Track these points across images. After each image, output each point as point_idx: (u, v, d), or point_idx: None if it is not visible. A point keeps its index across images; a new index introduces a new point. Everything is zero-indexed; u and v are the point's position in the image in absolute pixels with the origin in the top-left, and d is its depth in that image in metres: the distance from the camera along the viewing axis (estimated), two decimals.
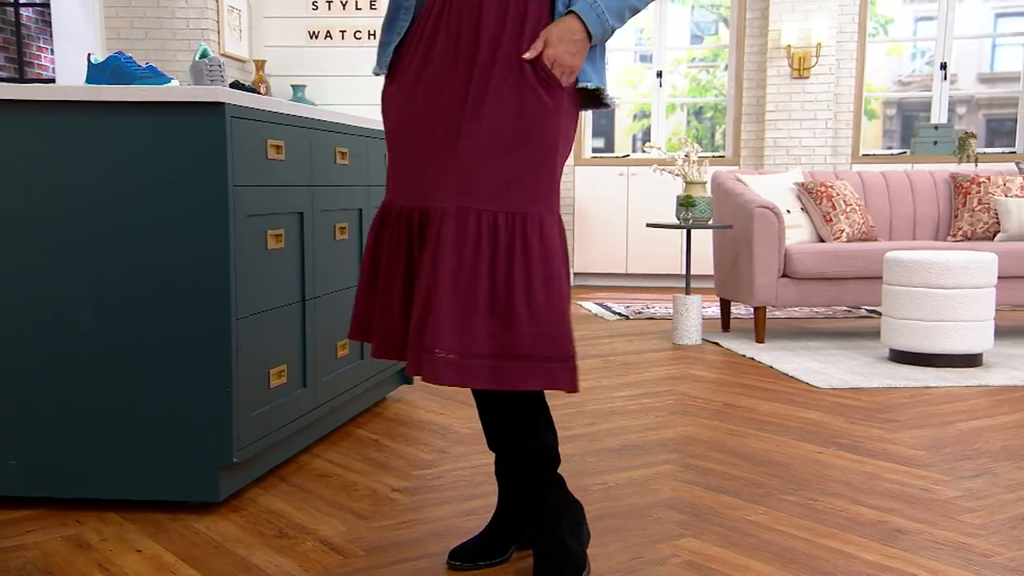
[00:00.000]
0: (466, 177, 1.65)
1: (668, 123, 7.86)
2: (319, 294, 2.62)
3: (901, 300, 3.94)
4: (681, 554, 1.93)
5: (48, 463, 2.16)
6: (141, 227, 2.11)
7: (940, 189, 5.18)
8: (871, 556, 1.92)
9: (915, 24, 7.83)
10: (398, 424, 3.03)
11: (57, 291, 2.13)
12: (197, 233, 2.10)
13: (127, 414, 2.15)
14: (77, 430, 2.15)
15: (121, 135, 2.10)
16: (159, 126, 2.09)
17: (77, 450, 2.16)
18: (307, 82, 6.90)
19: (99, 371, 2.14)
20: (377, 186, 3.06)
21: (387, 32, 1.78)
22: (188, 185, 2.09)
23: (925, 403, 3.32)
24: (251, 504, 2.24)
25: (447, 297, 1.60)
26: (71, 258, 2.12)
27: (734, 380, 3.73)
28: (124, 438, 2.15)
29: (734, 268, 4.76)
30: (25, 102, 2.10)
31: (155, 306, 2.12)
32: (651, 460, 2.61)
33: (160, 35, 6.37)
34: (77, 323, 2.14)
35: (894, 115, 8.40)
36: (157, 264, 2.11)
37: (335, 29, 6.88)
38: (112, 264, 2.12)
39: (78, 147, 2.10)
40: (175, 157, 2.09)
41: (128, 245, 2.12)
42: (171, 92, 2.06)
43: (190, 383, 2.13)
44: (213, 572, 1.83)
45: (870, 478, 2.45)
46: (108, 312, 2.13)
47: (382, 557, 1.92)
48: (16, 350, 2.15)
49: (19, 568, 1.84)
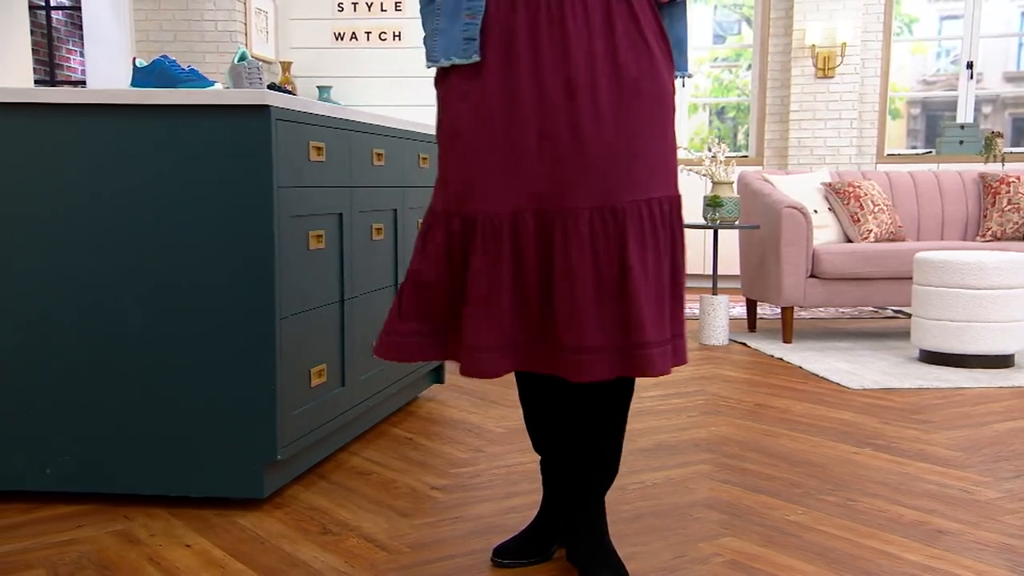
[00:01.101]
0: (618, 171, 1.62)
1: (690, 123, 7.84)
2: (356, 294, 2.64)
3: (932, 300, 3.93)
4: (724, 553, 1.94)
5: (97, 460, 2.19)
6: (188, 228, 2.14)
7: (969, 189, 5.15)
8: (914, 557, 1.92)
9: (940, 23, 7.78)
10: (431, 423, 3.05)
11: (107, 291, 2.16)
12: (242, 234, 2.12)
13: (173, 412, 2.17)
14: (125, 428, 2.18)
15: (170, 137, 2.12)
16: (207, 128, 2.12)
17: (125, 447, 2.19)
18: (332, 83, 6.93)
19: (147, 370, 2.17)
20: (412, 187, 3.08)
21: (450, 19, 1.64)
22: (234, 187, 2.12)
23: (959, 404, 3.31)
24: (293, 501, 2.26)
25: (644, 294, 1.60)
26: (121, 258, 2.15)
27: (763, 380, 3.73)
28: (171, 436, 2.18)
29: (761, 268, 4.75)
30: (77, 105, 2.13)
31: (201, 306, 2.15)
32: (686, 460, 2.62)
33: (189, 37, 6.42)
34: (126, 323, 2.16)
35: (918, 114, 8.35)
36: (204, 264, 2.14)
37: (360, 30, 6.91)
38: (160, 264, 2.15)
39: (128, 149, 2.13)
40: (222, 159, 2.12)
41: (175, 246, 2.14)
42: (219, 95, 2.09)
43: (235, 382, 2.16)
44: (261, 567, 1.85)
45: (908, 479, 2.44)
46: (156, 312, 2.16)
47: (427, 554, 1.93)
48: (68, 350, 2.18)
49: (74, 561, 1.87)
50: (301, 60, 6.96)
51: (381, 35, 6.91)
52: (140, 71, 2.42)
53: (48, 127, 2.14)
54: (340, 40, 6.94)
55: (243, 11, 6.46)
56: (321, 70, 6.96)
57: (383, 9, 6.87)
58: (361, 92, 6.94)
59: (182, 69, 2.42)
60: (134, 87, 2.41)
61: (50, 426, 2.20)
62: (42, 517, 2.14)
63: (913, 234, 5.09)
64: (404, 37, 6.84)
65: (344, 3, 6.89)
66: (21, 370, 2.19)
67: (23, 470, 2.21)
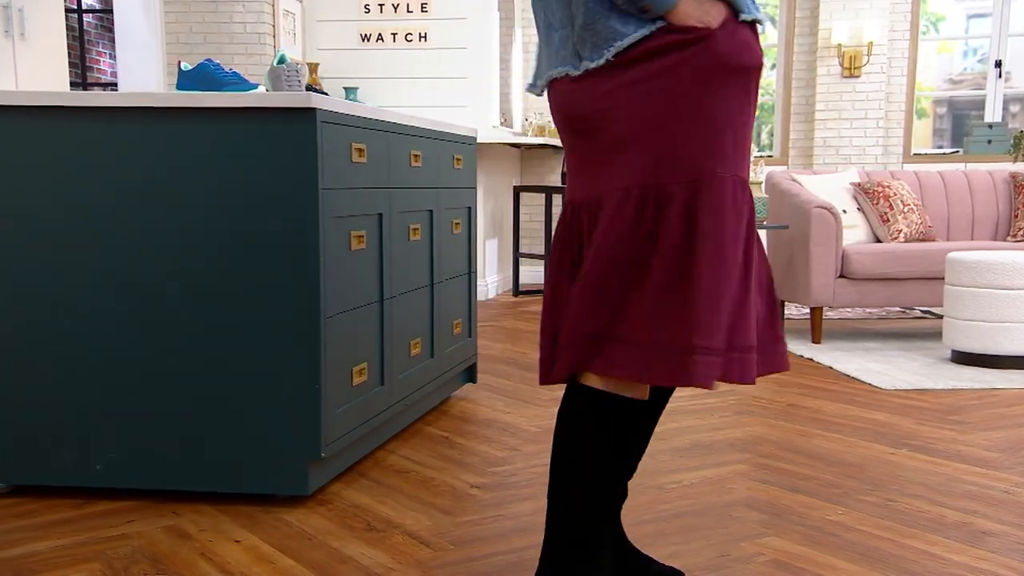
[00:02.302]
0: None
1: None
2: (395, 294, 2.67)
3: (965, 301, 3.91)
4: (766, 552, 1.94)
5: (145, 456, 2.23)
6: (235, 229, 2.16)
7: (1000, 189, 5.12)
8: (959, 558, 1.92)
9: (967, 21, 7.72)
10: (466, 422, 3.06)
11: (156, 292, 2.19)
12: (288, 234, 2.15)
13: (220, 411, 2.20)
14: (173, 426, 2.21)
15: (217, 140, 2.15)
16: (253, 131, 2.14)
17: (172, 444, 2.22)
18: (359, 84, 6.97)
19: (194, 369, 2.20)
20: (447, 188, 3.10)
21: None
22: (280, 188, 2.14)
23: (994, 404, 3.29)
24: (336, 498, 2.29)
25: None
26: (170, 260, 2.18)
27: (794, 380, 3.72)
28: (217, 434, 2.21)
29: (790, 268, 4.74)
30: (126, 109, 2.16)
31: (248, 305, 2.18)
32: (723, 460, 2.62)
33: (218, 39, 6.48)
34: (175, 323, 2.20)
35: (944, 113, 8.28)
36: (250, 265, 2.17)
37: (386, 32, 6.94)
38: (207, 265, 2.18)
39: (176, 152, 2.16)
40: (268, 161, 2.14)
41: (222, 247, 2.17)
42: (266, 98, 2.11)
43: (281, 380, 2.18)
44: (310, 563, 1.88)
45: (947, 479, 2.44)
46: (204, 312, 2.19)
47: (471, 551, 1.95)
48: (118, 351, 2.21)
49: (128, 555, 1.91)
50: (328, 61, 7.00)
51: (407, 36, 6.93)
52: (185, 74, 2.45)
53: (100, 130, 2.18)
54: (367, 41, 6.97)
55: (271, 13, 6.51)
56: (348, 71, 7.00)
57: (409, 10, 6.90)
58: (387, 93, 6.97)
59: (226, 72, 2.45)
60: (179, 90, 2.44)
61: (100, 423, 2.23)
62: (93, 512, 2.17)
63: (943, 234, 5.06)
64: (430, 38, 6.86)
65: (371, 4, 6.93)
66: (73, 369, 2.23)
67: (74, 466, 2.25)
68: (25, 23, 4.56)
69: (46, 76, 4.68)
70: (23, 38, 4.55)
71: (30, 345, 2.23)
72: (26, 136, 2.18)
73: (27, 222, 2.21)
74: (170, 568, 1.85)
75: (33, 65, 4.61)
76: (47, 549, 1.95)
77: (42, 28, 4.69)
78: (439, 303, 3.04)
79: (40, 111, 2.18)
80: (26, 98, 2.16)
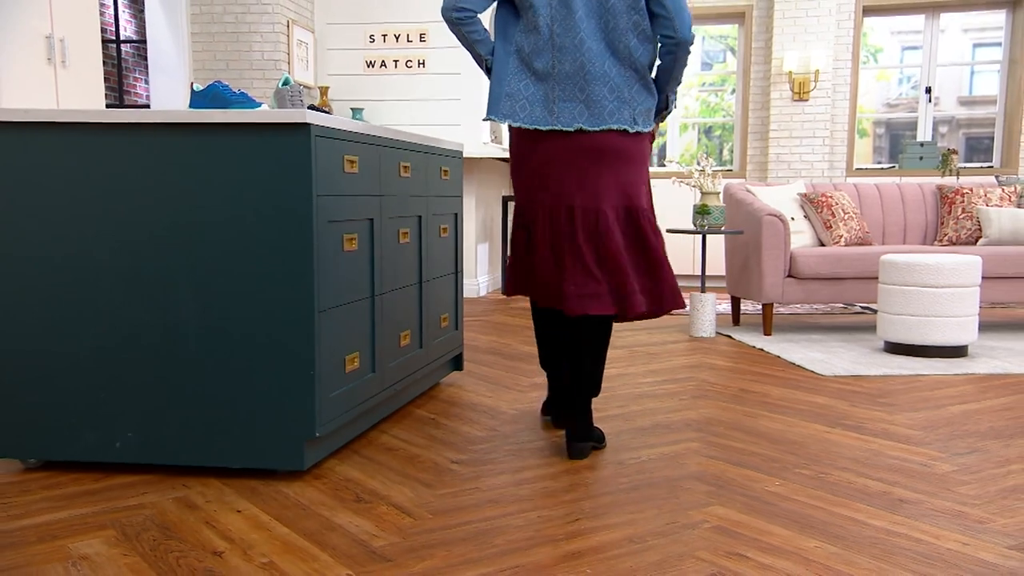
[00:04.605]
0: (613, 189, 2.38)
1: (681, 140, 7.81)
2: (385, 290, 2.64)
3: (896, 298, 3.90)
4: (710, 520, 1.93)
5: (159, 435, 2.20)
6: (239, 231, 2.14)
7: (928, 199, 5.11)
8: (879, 523, 1.91)
9: (902, 52, 7.72)
10: (452, 405, 3.05)
11: (167, 288, 2.17)
12: (286, 236, 2.13)
13: (226, 394, 2.18)
14: (184, 408, 2.19)
15: (223, 152, 2.13)
16: (255, 144, 2.12)
17: (184, 424, 2.20)
18: (364, 105, 6.94)
19: (203, 358, 2.18)
20: (435, 197, 3.08)
21: (498, 85, 2.35)
22: (279, 195, 2.12)
23: (919, 389, 3.28)
24: (331, 473, 2.27)
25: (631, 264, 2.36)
26: (179, 259, 2.16)
27: (747, 368, 3.71)
28: (223, 415, 2.19)
29: (744, 269, 4.73)
30: (143, 125, 2.14)
31: (249, 301, 2.16)
32: (678, 438, 2.61)
33: (239, 66, 6.44)
34: (185, 316, 2.17)
35: (883, 133, 8.29)
36: (251, 265, 2.15)
37: (389, 59, 6.92)
38: (213, 265, 2.15)
39: (187, 162, 2.14)
40: (268, 171, 2.12)
41: (226, 248, 2.15)
42: (265, 115, 2.09)
43: (280, 368, 2.16)
44: (304, 530, 1.86)
45: (874, 455, 2.43)
46: (211, 306, 2.17)
47: (447, 520, 1.93)
48: (133, 341, 2.19)
49: (140, 523, 1.88)
50: (337, 85, 6.97)
51: (408, 63, 6.91)
52: (197, 94, 2.43)
53: (121, 143, 2.15)
54: (371, 67, 6.94)
55: (286, 43, 6.48)
56: (355, 94, 6.97)
57: (409, 40, 6.87)
58: (389, 113, 6.94)
59: (234, 92, 2.42)
60: (192, 108, 2.42)
61: (120, 406, 2.21)
62: (112, 485, 2.15)
63: (879, 239, 5.06)
64: (428, 64, 6.84)
65: (375, 35, 6.90)
66: (95, 359, 2.20)
67: (96, 444, 2.22)
68: (67, 52, 4.52)
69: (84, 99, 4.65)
70: (64, 65, 4.52)
71: (61, 339, 2.20)
72: (57, 149, 2.16)
73: (54, 224, 2.18)
74: (177, 535, 1.83)
75: (73, 90, 4.58)
76: (69, 517, 1.92)
77: (82, 56, 4.65)
78: (427, 299, 3.02)
79: (69, 127, 2.15)
80: (57, 115, 2.14)
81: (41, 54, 4.33)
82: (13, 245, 2.20)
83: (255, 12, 6.46)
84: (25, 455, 2.24)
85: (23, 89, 4.18)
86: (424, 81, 6.83)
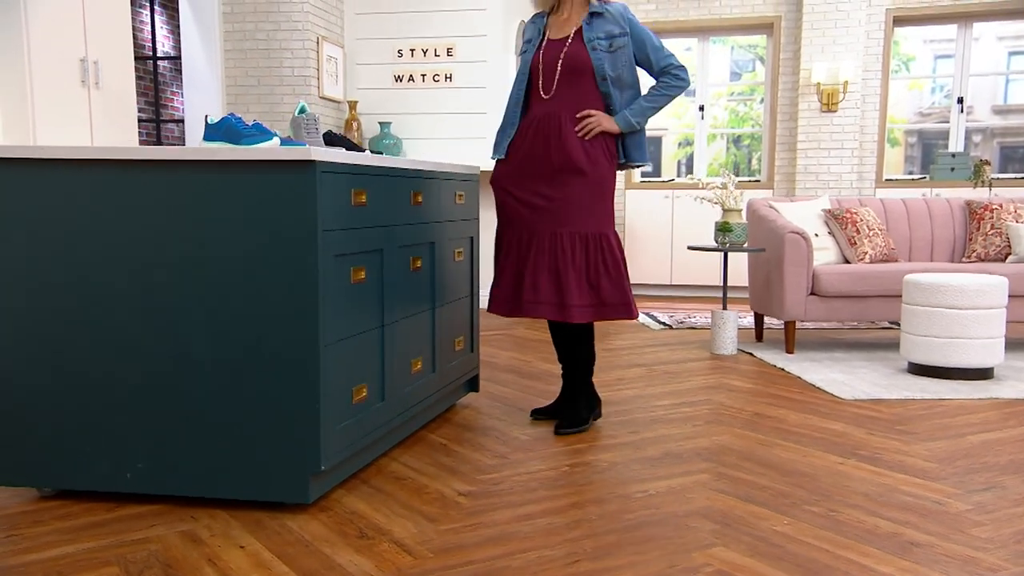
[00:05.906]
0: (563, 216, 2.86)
1: (709, 150, 7.72)
2: (396, 319, 2.63)
3: (919, 318, 3.80)
4: (713, 563, 1.88)
5: (169, 467, 2.21)
6: (245, 267, 2.15)
7: (956, 215, 4.98)
8: (886, 569, 1.84)
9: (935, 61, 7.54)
10: (465, 429, 3.03)
11: (176, 321, 2.18)
12: (291, 272, 2.13)
13: (234, 427, 2.18)
14: (193, 441, 2.20)
15: (231, 188, 2.14)
16: (262, 180, 2.12)
17: (193, 456, 2.20)
18: (393, 119, 6.96)
19: (210, 391, 2.18)
20: (449, 221, 3.06)
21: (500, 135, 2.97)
22: (285, 230, 2.12)
23: (939, 415, 3.19)
24: (336, 504, 2.26)
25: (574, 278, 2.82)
26: (188, 293, 2.17)
27: (765, 390, 3.64)
28: (231, 447, 2.19)
29: (767, 286, 4.65)
30: (157, 161, 2.15)
31: (256, 335, 2.16)
32: (688, 469, 2.56)
33: (270, 82, 6.50)
34: (193, 349, 2.18)
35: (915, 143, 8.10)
36: (259, 299, 2.15)
37: (417, 73, 6.93)
38: (224, 298, 2.16)
39: (196, 198, 2.15)
40: (274, 206, 2.12)
41: (235, 282, 2.15)
42: (271, 152, 2.09)
43: (285, 402, 2.16)
44: (303, 570, 1.85)
45: (887, 490, 2.35)
46: (217, 339, 2.17)
47: (447, 559, 1.91)
48: (146, 376, 2.20)
49: (143, 560, 1.89)
50: (366, 99, 7.00)
51: (435, 77, 6.91)
52: (211, 127, 2.44)
53: (133, 179, 2.17)
54: (400, 82, 6.96)
55: (316, 59, 6.52)
56: (383, 108, 7.00)
57: (436, 55, 6.88)
58: (416, 126, 6.96)
59: (246, 125, 2.43)
60: (205, 140, 2.43)
61: (130, 437, 2.22)
62: (123, 516, 2.16)
63: (905, 255, 4.94)
64: (455, 79, 6.84)
65: (403, 50, 6.92)
66: (107, 390, 2.22)
67: (108, 474, 2.24)
68: (100, 74, 4.59)
69: (117, 120, 4.72)
70: (98, 87, 4.59)
71: (76, 374, 2.23)
72: (72, 184, 2.18)
73: (68, 256, 2.20)
74: (178, 573, 1.83)
75: (106, 110, 4.65)
76: (76, 552, 1.94)
77: (115, 78, 4.73)
78: (440, 324, 3.01)
79: (86, 163, 2.17)
80: (74, 152, 2.16)
81: (75, 77, 4.40)
82: (29, 276, 2.23)
83: (286, 29, 6.51)
84: (40, 484, 2.27)
85: (57, 112, 4.25)
86: (451, 95, 6.83)
